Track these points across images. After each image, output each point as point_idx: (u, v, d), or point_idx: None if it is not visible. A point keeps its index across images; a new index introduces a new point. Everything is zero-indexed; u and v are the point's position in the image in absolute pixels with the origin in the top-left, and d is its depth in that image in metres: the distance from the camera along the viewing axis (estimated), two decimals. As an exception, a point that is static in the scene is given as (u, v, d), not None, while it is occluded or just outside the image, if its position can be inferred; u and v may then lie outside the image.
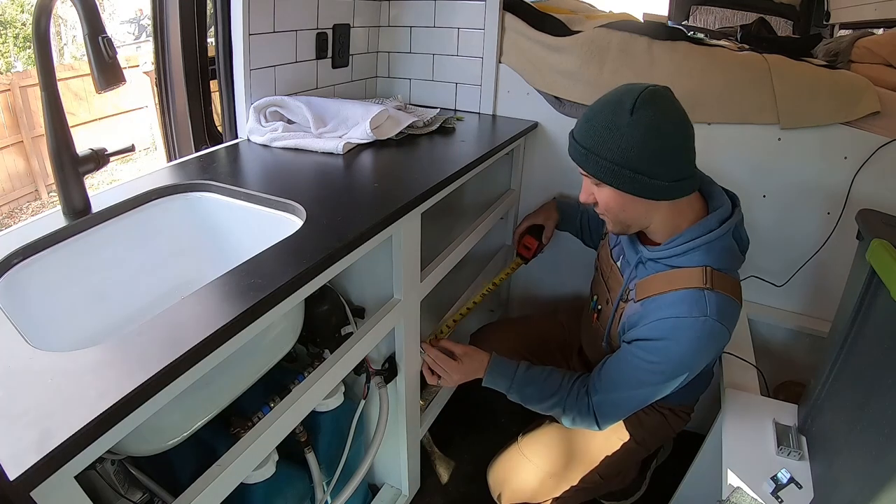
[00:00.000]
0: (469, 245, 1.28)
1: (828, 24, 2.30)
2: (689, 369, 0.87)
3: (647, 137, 0.78)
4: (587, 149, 0.83)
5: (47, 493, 0.44)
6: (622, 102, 0.79)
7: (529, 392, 1.02)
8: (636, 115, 0.78)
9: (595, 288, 1.12)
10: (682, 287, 0.85)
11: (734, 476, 0.88)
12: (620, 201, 0.86)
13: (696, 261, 0.86)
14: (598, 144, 0.81)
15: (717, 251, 0.86)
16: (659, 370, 0.87)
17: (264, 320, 0.65)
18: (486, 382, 1.06)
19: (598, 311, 1.07)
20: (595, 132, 0.82)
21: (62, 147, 0.80)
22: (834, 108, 1.21)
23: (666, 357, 0.86)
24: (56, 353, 0.54)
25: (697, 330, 0.83)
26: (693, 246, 0.86)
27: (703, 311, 0.82)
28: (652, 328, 0.87)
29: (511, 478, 1.12)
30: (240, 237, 0.99)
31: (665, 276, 0.88)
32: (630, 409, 0.96)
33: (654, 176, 0.80)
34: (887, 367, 0.69)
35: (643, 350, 0.88)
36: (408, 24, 1.59)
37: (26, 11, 3.87)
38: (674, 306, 0.84)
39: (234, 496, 0.74)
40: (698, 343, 0.84)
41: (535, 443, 1.12)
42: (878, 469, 0.65)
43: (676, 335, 0.84)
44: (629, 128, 0.78)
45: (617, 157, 0.80)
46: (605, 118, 0.81)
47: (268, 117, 1.27)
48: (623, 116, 0.78)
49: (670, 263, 0.88)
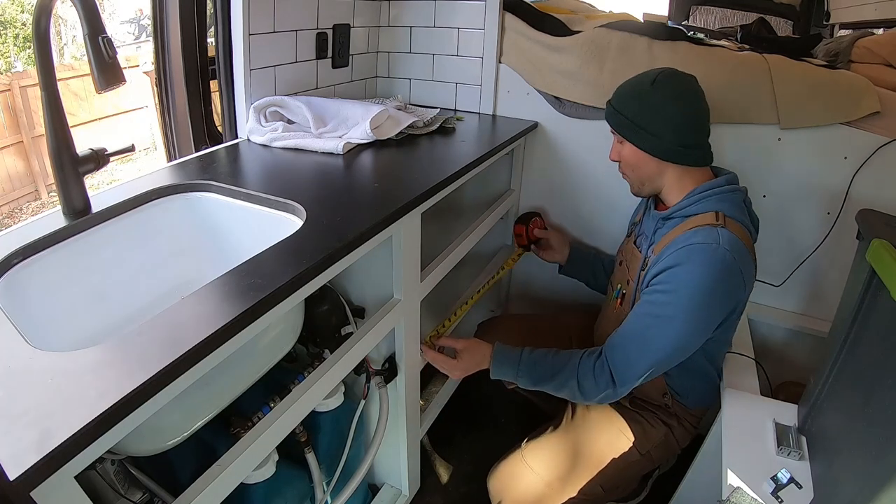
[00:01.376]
0: (469, 245, 1.28)
1: (828, 24, 2.30)
2: (706, 303, 0.89)
3: (661, 104, 0.95)
4: (615, 108, 1.00)
5: (47, 493, 0.44)
6: (648, 74, 0.97)
7: (539, 372, 1.02)
8: (656, 85, 0.95)
9: (616, 280, 1.15)
10: (696, 225, 0.93)
11: (734, 476, 0.87)
12: (637, 157, 1.00)
13: (708, 207, 0.95)
14: (623, 105, 0.99)
15: (728, 201, 0.95)
16: (673, 301, 0.90)
17: (264, 320, 0.65)
18: (494, 374, 1.07)
19: (622, 297, 1.10)
20: (623, 96, 1.00)
21: (62, 147, 0.80)
22: (834, 108, 1.21)
23: (678, 283, 0.90)
24: (56, 353, 0.54)
25: (710, 255, 0.88)
26: (704, 196, 0.96)
27: (715, 240, 0.88)
28: (665, 260, 0.92)
29: (512, 486, 1.11)
30: (240, 237, 0.99)
31: (679, 227, 0.96)
32: (647, 361, 0.93)
33: (662, 137, 0.95)
34: (887, 367, 0.68)
35: (657, 283, 0.93)
36: (408, 24, 1.59)
37: (26, 11, 3.87)
38: (686, 238, 0.92)
39: (234, 496, 0.74)
40: (711, 269, 0.87)
41: (539, 451, 1.12)
42: (878, 469, 0.65)
43: (688, 260, 0.89)
44: (648, 94, 0.95)
45: (635, 116, 0.97)
46: (633, 85, 0.99)
47: (268, 117, 1.27)
48: (646, 85, 0.96)
49: (684, 214, 0.97)
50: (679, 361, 0.96)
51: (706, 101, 0.98)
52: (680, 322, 0.90)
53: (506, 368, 1.05)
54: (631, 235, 1.16)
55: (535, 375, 1.02)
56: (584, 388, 0.98)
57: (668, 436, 1.11)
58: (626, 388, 0.97)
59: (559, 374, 1.00)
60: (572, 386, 0.99)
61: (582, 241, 1.60)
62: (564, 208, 1.59)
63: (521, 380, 1.04)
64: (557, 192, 1.59)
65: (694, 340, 0.93)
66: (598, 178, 1.50)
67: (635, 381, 0.96)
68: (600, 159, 1.48)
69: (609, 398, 0.98)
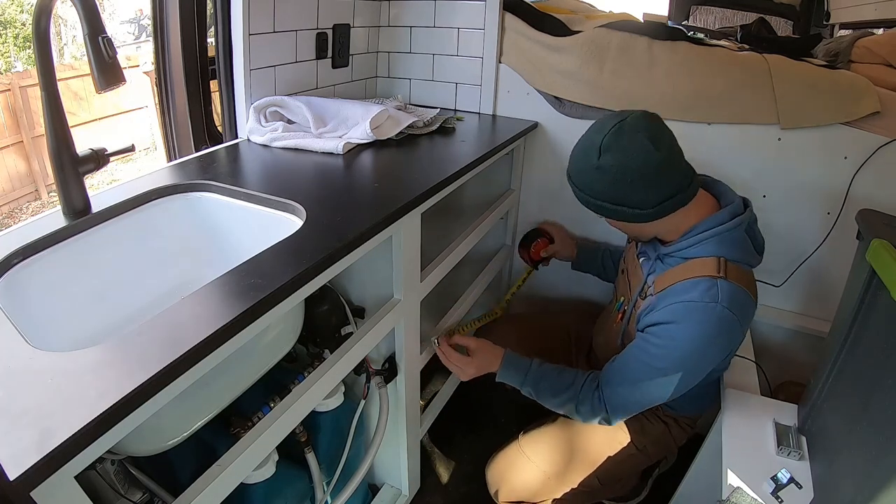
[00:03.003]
0: (469, 245, 1.28)
1: (828, 24, 2.30)
2: (699, 359, 0.88)
3: (615, 178, 0.85)
4: (576, 186, 0.92)
5: (47, 493, 0.44)
6: (593, 146, 0.86)
7: (543, 387, 1.02)
8: (602, 159, 0.85)
9: (620, 289, 1.13)
10: (696, 275, 0.87)
11: (734, 476, 0.88)
12: (628, 227, 0.94)
13: (708, 251, 0.89)
14: (581, 184, 0.91)
15: (730, 242, 0.89)
16: (667, 356, 0.88)
17: (264, 320, 0.65)
18: (500, 377, 1.07)
19: (623, 312, 1.07)
20: (577, 173, 0.91)
21: (62, 147, 0.80)
22: (834, 108, 1.21)
23: (673, 341, 0.87)
24: (56, 353, 0.54)
25: (707, 315, 0.84)
26: (705, 237, 0.89)
27: (713, 298, 0.84)
28: (662, 313, 0.89)
29: (510, 474, 1.12)
30: (240, 237, 0.99)
31: (680, 268, 0.91)
32: (638, 402, 0.94)
33: (634, 205, 0.87)
34: (887, 367, 0.69)
35: (652, 335, 0.90)
36: (408, 24, 1.59)
37: (26, 11, 3.87)
38: (685, 292, 0.87)
39: (234, 496, 0.74)
40: (707, 328, 0.85)
41: (536, 442, 1.13)
42: (878, 469, 0.65)
43: (685, 319, 0.86)
44: (598, 171, 0.86)
45: (597, 194, 0.89)
46: (581, 162, 0.89)
47: (268, 117, 1.27)
48: (592, 161, 0.86)
49: (684, 255, 0.91)
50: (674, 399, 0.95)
51: (667, 130, 0.87)
52: (673, 374, 0.88)
53: (513, 376, 1.06)
54: (631, 242, 1.14)
55: (539, 389, 1.03)
56: (582, 411, 0.99)
57: (666, 433, 1.12)
58: (619, 419, 0.98)
59: (561, 394, 1.01)
60: (570, 408, 1.00)
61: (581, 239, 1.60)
62: (564, 208, 1.59)
63: (525, 389, 1.04)
64: (557, 192, 1.58)
65: (687, 387, 0.91)
66: (598, 178, 1.50)
67: (628, 414, 0.98)
68: (600, 159, 1.49)
69: (603, 423, 0.98)
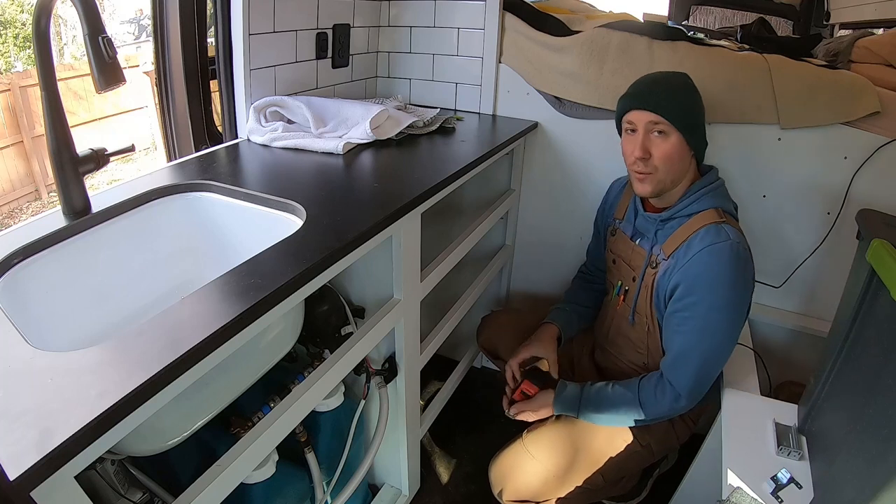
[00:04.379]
0: (469, 245, 1.28)
1: (828, 24, 2.30)
2: (737, 298, 0.95)
3: (697, 97, 0.99)
4: (666, 96, 0.97)
5: (47, 493, 0.44)
6: (679, 74, 1.00)
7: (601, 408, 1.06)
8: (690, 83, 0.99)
9: (615, 277, 1.17)
10: (702, 225, 0.97)
11: (734, 476, 0.88)
12: (680, 152, 0.98)
13: (706, 204, 0.99)
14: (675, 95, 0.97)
15: (721, 195, 1.02)
16: (711, 307, 0.94)
17: (264, 320, 0.65)
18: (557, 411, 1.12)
19: (624, 293, 1.13)
20: (669, 86, 0.98)
21: (62, 147, 0.80)
22: (834, 108, 1.21)
23: (709, 287, 0.94)
24: (56, 353, 0.54)
25: (729, 250, 0.93)
26: (704, 192, 1.00)
27: (726, 237, 0.94)
28: (686, 269, 0.96)
29: (514, 474, 1.11)
30: (240, 237, 0.99)
31: (684, 227, 1.00)
32: (710, 373, 1.00)
33: (702, 132, 1.00)
34: (887, 366, 0.68)
35: (690, 295, 0.96)
36: (408, 24, 1.59)
37: (26, 11, 3.87)
38: (701, 240, 0.95)
39: (234, 496, 0.74)
40: (734, 263, 0.93)
41: (540, 440, 1.12)
42: (878, 469, 0.65)
43: (710, 262, 0.93)
44: (689, 87, 0.99)
45: (689, 108, 0.97)
46: (676, 81, 0.99)
47: (268, 117, 1.27)
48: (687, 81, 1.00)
49: (686, 213, 1.00)
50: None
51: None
52: (726, 323, 0.96)
53: (568, 408, 1.10)
54: (616, 234, 1.17)
55: (599, 411, 1.07)
56: (648, 410, 1.02)
57: (669, 429, 1.12)
58: (693, 402, 1.02)
59: (621, 406, 1.05)
60: (636, 412, 1.03)
61: (582, 239, 1.59)
62: (564, 208, 1.59)
63: (584, 416, 1.09)
64: (557, 192, 1.58)
65: (738, 334, 0.99)
66: (598, 178, 1.50)
67: (702, 392, 1.02)
68: (600, 159, 1.49)
69: (674, 413, 1.03)
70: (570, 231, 1.61)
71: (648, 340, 1.10)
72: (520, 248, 1.71)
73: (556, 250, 1.65)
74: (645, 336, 1.10)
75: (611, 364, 1.23)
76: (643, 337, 1.11)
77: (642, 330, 1.10)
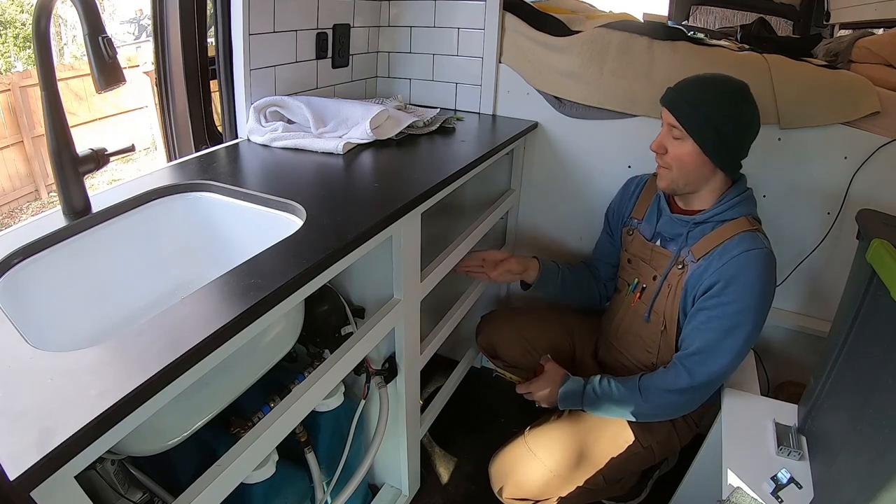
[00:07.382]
0: (469, 245, 1.28)
1: (828, 24, 2.30)
2: (766, 303, 0.97)
3: (736, 113, 0.96)
4: (689, 103, 0.97)
5: (47, 493, 0.44)
6: (729, 83, 0.97)
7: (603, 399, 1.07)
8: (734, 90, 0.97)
9: (630, 275, 1.18)
10: (737, 232, 0.99)
11: (734, 476, 0.88)
12: (694, 158, 0.99)
13: (739, 212, 1.01)
14: (700, 102, 0.96)
15: (752, 204, 1.04)
16: (743, 309, 0.96)
17: (264, 320, 0.65)
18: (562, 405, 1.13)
19: (641, 291, 1.14)
20: (700, 93, 0.97)
21: (62, 147, 0.80)
22: (834, 108, 1.21)
23: (744, 292, 0.96)
24: (56, 353, 0.54)
25: (765, 258, 0.96)
26: (738, 201, 1.02)
27: (762, 245, 0.97)
28: (722, 270, 0.97)
29: (515, 471, 1.11)
30: (240, 237, 0.99)
31: (716, 233, 1.01)
32: (729, 368, 1.00)
33: (731, 146, 0.97)
34: (887, 366, 0.69)
35: (722, 295, 0.97)
36: (408, 24, 1.59)
37: (26, 11, 3.87)
38: (738, 246, 0.97)
39: (234, 496, 0.74)
40: (767, 271, 0.96)
41: (542, 438, 1.12)
42: (878, 469, 0.65)
43: (748, 266, 0.96)
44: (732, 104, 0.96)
45: (718, 121, 0.95)
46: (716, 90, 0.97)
47: (268, 117, 1.27)
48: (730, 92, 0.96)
49: (720, 219, 1.02)
50: None
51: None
52: (751, 326, 0.97)
53: (573, 389, 1.12)
54: (633, 235, 1.16)
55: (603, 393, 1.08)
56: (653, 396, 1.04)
57: (671, 431, 1.12)
58: (700, 399, 1.04)
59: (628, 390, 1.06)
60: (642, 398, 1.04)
61: (582, 239, 1.60)
62: (564, 208, 1.59)
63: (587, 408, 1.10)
64: (557, 192, 1.58)
65: (755, 340, 1.00)
66: (599, 178, 1.50)
67: (709, 392, 1.04)
68: (601, 159, 1.49)
69: (677, 406, 1.05)
70: (569, 231, 1.61)
71: (661, 340, 1.10)
72: (520, 248, 1.71)
73: (555, 250, 1.65)
74: (658, 335, 1.10)
75: (615, 361, 1.23)
76: (656, 336, 1.11)
77: (657, 329, 1.10)
